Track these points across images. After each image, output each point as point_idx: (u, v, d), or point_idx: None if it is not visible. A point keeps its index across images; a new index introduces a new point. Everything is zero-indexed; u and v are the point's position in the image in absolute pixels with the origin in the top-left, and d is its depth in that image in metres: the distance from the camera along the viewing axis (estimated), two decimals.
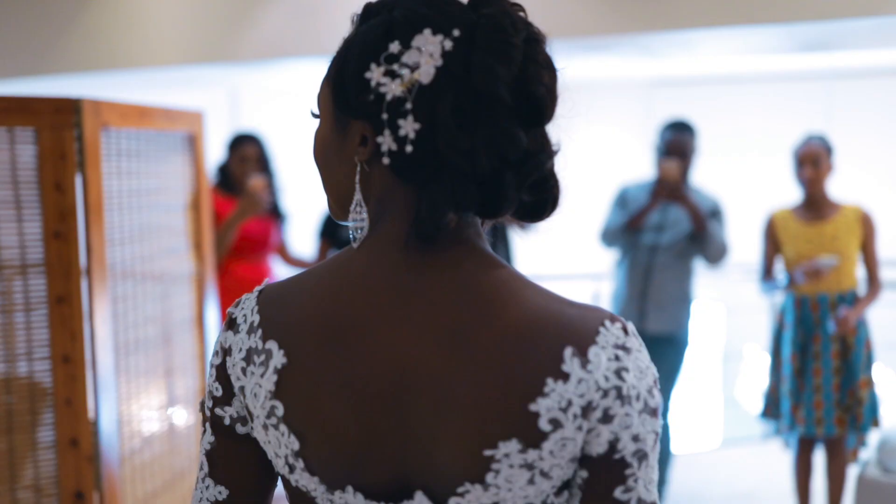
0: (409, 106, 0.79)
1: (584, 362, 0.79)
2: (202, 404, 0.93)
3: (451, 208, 0.80)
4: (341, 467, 0.83)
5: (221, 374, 0.90)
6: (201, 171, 2.59)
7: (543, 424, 0.78)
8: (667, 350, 3.48)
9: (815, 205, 3.33)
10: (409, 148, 0.80)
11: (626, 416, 0.80)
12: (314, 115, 0.92)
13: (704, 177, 4.82)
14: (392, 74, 0.80)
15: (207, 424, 0.92)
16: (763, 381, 3.49)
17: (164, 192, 2.43)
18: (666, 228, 3.41)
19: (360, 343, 0.82)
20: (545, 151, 0.83)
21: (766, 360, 3.49)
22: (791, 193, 3.56)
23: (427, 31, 0.80)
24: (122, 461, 2.19)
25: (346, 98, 0.84)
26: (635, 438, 0.81)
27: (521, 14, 0.84)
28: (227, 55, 4.01)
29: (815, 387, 3.25)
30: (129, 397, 2.25)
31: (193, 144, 2.56)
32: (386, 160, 0.82)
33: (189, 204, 2.56)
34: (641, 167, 4.53)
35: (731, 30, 3.10)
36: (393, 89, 0.80)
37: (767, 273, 3.44)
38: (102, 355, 2.08)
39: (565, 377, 0.79)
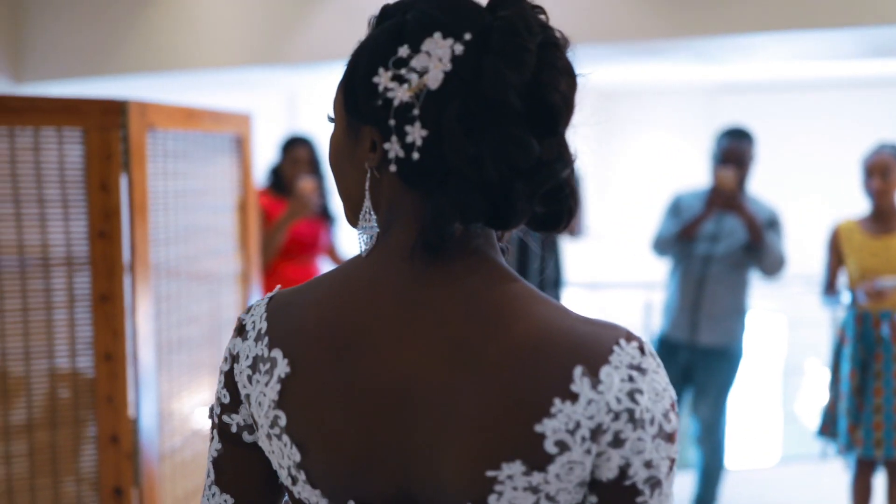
0: (416, 112, 0.77)
1: (595, 382, 0.76)
2: (211, 410, 0.92)
3: (457, 218, 0.77)
4: (343, 480, 0.81)
5: (229, 380, 0.89)
6: (248, 173, 2.61)
7: (549, 446, 0.75)
8: (720, 363, 3.39)
9: (883, 217, 3.19)
10: (415, 155, 0.77)
11: (638, 440, 0.76)
12: (330, 120, 0.90)
13: (769, 185, 4.68)
14: (400, 79, 0.78)
15: (215, 431, 0.91)
16: (822, 398, 3.37)
17: (211, 194, 2.46)
18: (721, 238, 3.32)
19: (363, 355, 0.80)
20: (561, 160, 0.79)
21: (826, 376, 3.37)
22: (859, 204, 3.43)
23: (437, 35, 0.77)
24: (162, 458, 2.22)
25: (355, 103, 0.82)
26: (648, 464, 0.76)
27: (542, 17, 0.81)
28: (282, 57, 4.05)
29: (875, 407, 3.12)
30: (171, 396, 2.27)
31: (241, 146, 2.58)
32: (393, 167, 0.79)
33: (236, 205, 2.58)
34: (703, 175, 4.43)
35: (792, 34, 3.00)
36: (400, 94, 0.78)
37: (830, 286, 3.32)
38: (144, 352, 2.10)
39: (574, 398, 0.75)
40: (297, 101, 6.80)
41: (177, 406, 2.30)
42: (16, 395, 2.02)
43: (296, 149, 3.62)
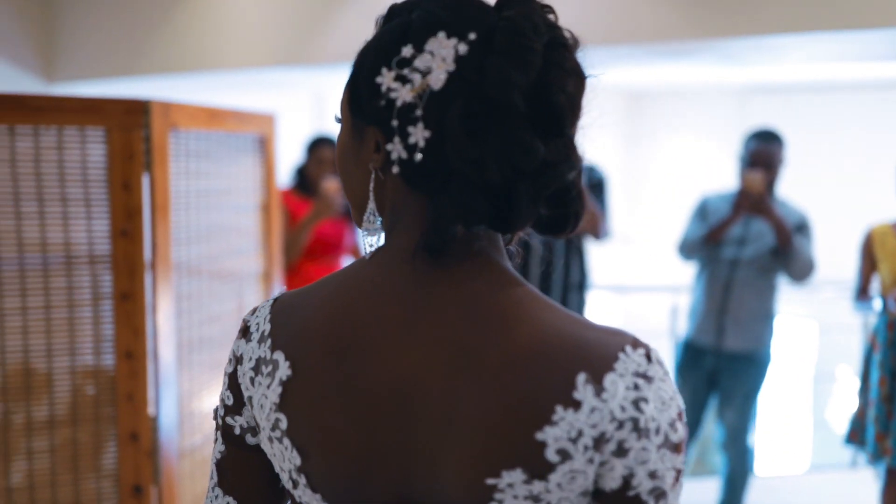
0: (419, 112, 0.76)
1: (599, 390, 0.74)
2: (215, 412, 0.92)
3: (459, 220, 0.76)
4: (343, 485, 0.80)
5: (233, 382, 0.89)
6: (271, 173, 2.62)
7: (550, 455, 0.73)
8: (746, 369, 3.34)
9: None
10: (418, 156, 0.76)
11: (642, 450, 0.74)
12: (337, 121, 0.89)
13: (799, 188, 4.61)
14: (403, 79, 0.77)
15: (219, 433, 0.91)
16: (852, 405, 3.30)
17: (234, 193, 2.47)
18: (748, 242, 3.27)
19: (365, 358, 0.79)
20: (567, 162, 0.78)
21: (856, 383, 3.31)
22: (894, 208, 3.36)
23: (441, 35, 0.76)
24: (182, 456, 2.23)
25: (359, 103, 0.82)
26: (652, 475, 0.75)
27: (551, 17, 0.79)
28: (308, 58, 4.06)
29: None
30: (192, 394, 2.28)
31: (264, 146, 2.58)
32: (395, 168, 0.78)
33: (259, 205, 2.59)
34: (733, 178, 4.37)
35: (820, 35, 2.94)
36: (403, 95, 0.77)
37: (863, 291, 3.26)
38: (165, 351, 2.11)
39: (577, 405, 0.73)
40: (324, 102, 6.83)
41: (197, 404, 2.32)
42: (38, 392, 2.04)
43: (321, 149, 3.63)
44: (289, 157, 4.02)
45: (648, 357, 0.77)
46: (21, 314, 2.00)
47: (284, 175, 3.74)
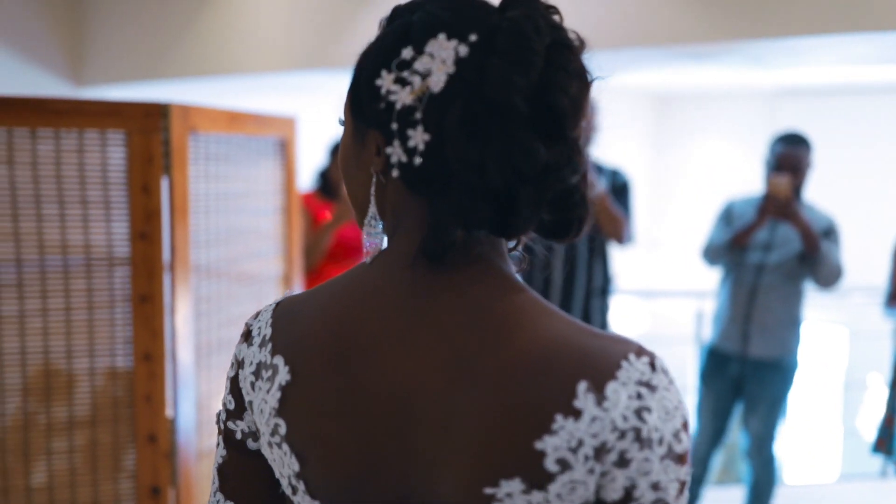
0: (419, 115, 0.75)
1: (600, 399, 0.72)
2: (218, 416, 0.92)
3: (459, 225, 0.75)
4: (342, 492, 0.79)
5: (234, 387, 0.88)
6: (292, 177, 2.62)
7: (550, 465, 0.71)
8: (772, 376, 3.29)
9: None
10: (418, 160, 0.75)
11: (644, 461, 0.72)
12: (340, 123, 0.89)
13: (829, 192, 4.54)
14: (403, 82, 0.76)
15: (220, 438, 0.90)
16: (880, 413, 3.24)
17: (254, 197, 2.47)
18: (774, 247, 3.22)
19: (364, 364, 0.78)
20: (570, 166, 0.76)
21: (885, 390, 3.24)
22: None
23: (442, 37, 0.75)
24: (200, 458, 2.23)
25: (360, 106, 0.81)
26: (655, 486, 0.73)
27: (555, 17, 0.78)
28: (331, 61, 4.07)
29: None
30: (210, 396, 2.29)
31: (285, 150, 2.59)
32: (395, 172, 0.77)
33: (279, 208, 2.59)
34: (761, 183, 4.31)
35: (851, 37, 2.89)
36: (403, 98, 0.76)
37: (894, 297, 3.19)
38: (183, 352, 2.12)
39: (577, 414, 0.72)
40: None
41: (215, 406, 2.32)
42: (59, 393, 2.05)
43: None
44: (311, 160, 4.03)
45: (652, 365, 0.75)
46: (42, 315, 2.02)
47: (307, 178, 3.75)
